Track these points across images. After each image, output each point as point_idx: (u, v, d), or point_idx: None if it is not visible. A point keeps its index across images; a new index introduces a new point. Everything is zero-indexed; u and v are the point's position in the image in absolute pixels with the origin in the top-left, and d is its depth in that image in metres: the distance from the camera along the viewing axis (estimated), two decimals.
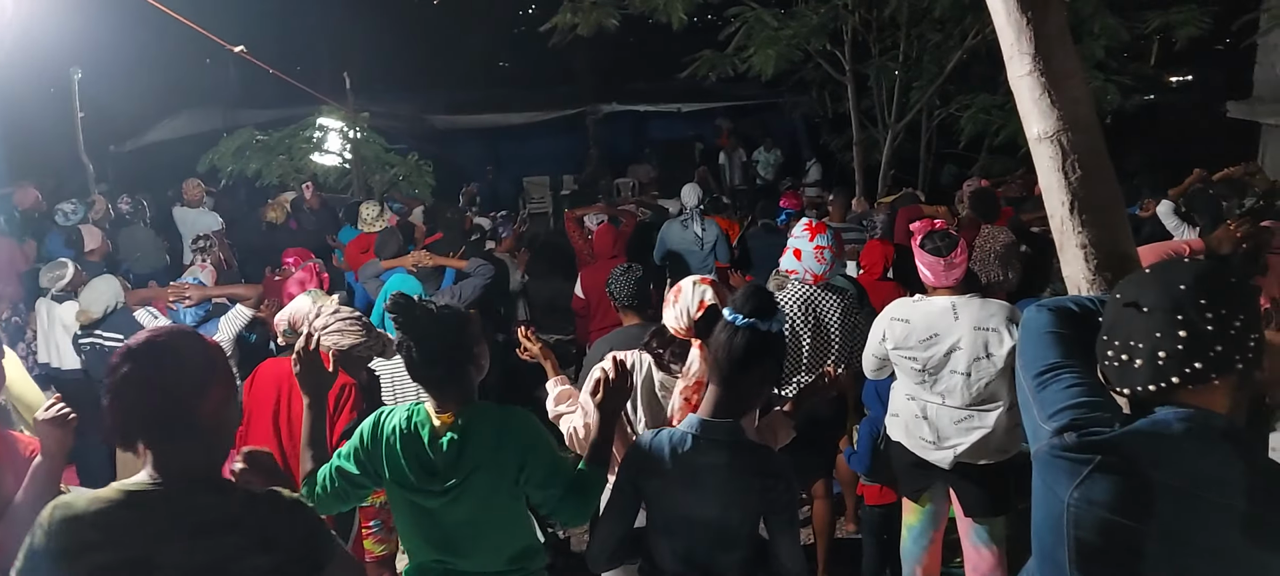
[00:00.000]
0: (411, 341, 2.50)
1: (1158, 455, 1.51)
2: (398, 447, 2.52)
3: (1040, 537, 1.67)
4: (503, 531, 2.64)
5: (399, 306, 2.52)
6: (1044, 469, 1.61)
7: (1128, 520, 1.50)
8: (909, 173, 12.33)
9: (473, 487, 2.50)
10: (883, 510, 4.43)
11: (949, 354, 3.60)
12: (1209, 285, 1.54)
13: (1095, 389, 1.62)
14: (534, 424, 2.62)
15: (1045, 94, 1.82)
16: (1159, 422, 1.54)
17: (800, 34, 9.42)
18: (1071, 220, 1.86)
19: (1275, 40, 10.53)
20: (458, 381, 2.53)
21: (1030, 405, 1.70)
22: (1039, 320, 1.80)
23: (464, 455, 2.48)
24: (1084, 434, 1.55)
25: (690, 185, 7.79)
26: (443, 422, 2.52)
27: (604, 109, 16.21)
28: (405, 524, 2.66)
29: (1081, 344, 1.73)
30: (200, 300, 5.00)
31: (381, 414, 2.62)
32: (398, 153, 10.80)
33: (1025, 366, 1.76)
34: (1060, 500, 1.56)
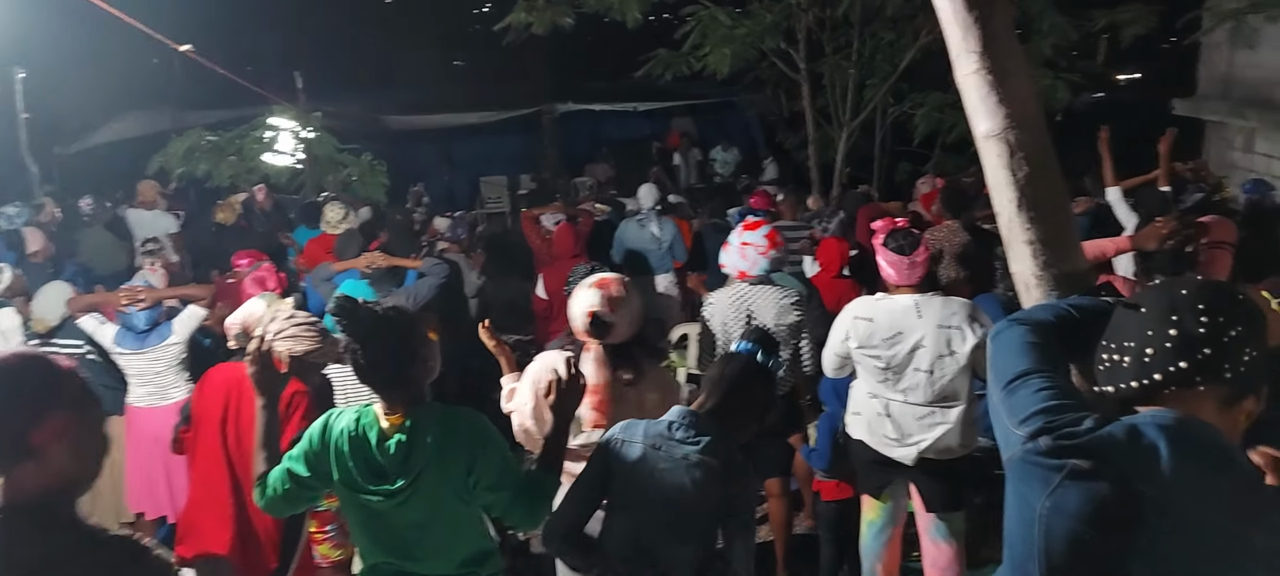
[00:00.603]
0: (357, 344, 2.48)
1: (1134, 462, 1.46)
2: (346, 449, 2.51)
3: (1011, 546, 1.64)
4: (454, 533, 2.62)
5: (343, 309, 2.51)
6: (1017, 475, 1.58)
7: (1100, 532, 1.46)
8: (864, 170, 12.45)
9: (421, 489, 2.48)
10: (839, 505, 4.46)
11: (913, 352, 3.63)
12: (1209, 292, 1.53)
13: (1065, 392, 1.60)
14: (483, 425, 2.60)
15: (991, 92, 1.83)
16: (1137, 426, 1.50)
17: (754, 33, 9.47)
18: (1019, 217, 1.88)
19: (1218, 39, 10.77)
20: (405, 382, 2.52)
21: (1000, 414, 1.67)
22: (1010, 333, 1.77)
23: (412, 456, 2.47)
24: (1058, 436, 1.51)
25: (646, 185, 7.80)
26: (391, 424, 2.50)
27: (560, 108, 16.16)
28: (357, 526, 2.65)
29: (1050, 353, 1.71)
30: (152, 303, 4.90)
31: (330, 416, 2.61)
32: (351, 153, 10.68)
33: (996, 376, 1.73)
34: (1032, 509, 1.52)
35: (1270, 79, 10.64)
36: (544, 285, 6.16)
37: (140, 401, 4.90)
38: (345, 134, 11.14)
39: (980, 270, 4.81)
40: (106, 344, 4.83)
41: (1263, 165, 10.73)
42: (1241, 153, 11.36)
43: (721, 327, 4.45)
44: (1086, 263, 1.98)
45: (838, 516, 4.48)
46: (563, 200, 9.56)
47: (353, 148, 10.73)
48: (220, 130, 10.54)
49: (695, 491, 2.51)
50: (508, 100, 16.21)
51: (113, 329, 4.86)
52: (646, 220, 7.32)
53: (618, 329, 3.06)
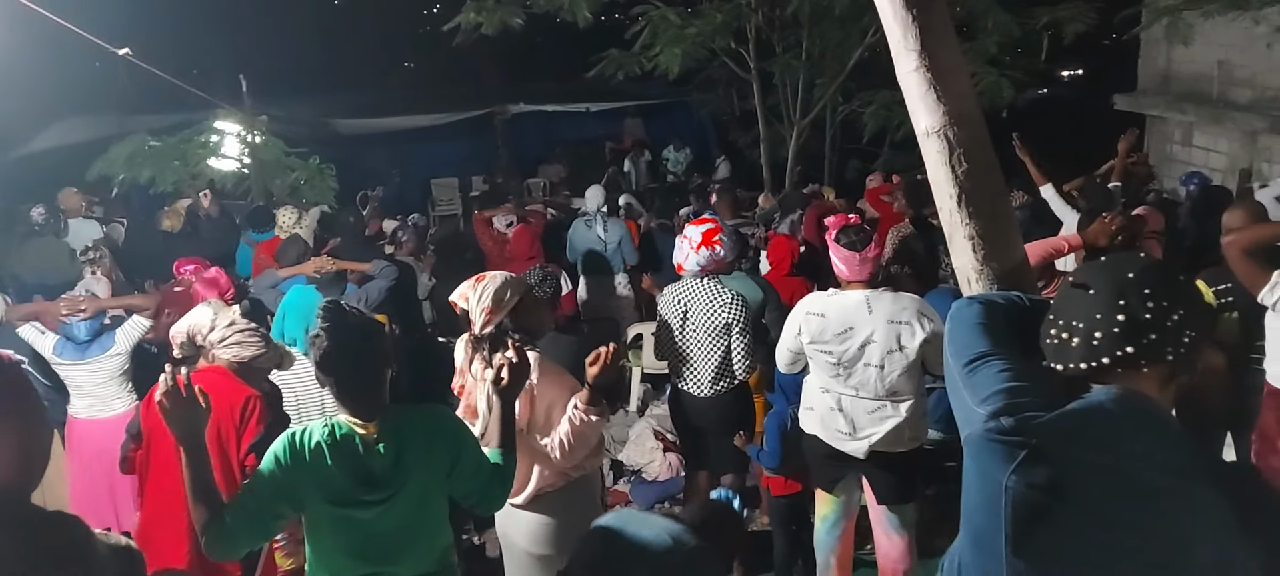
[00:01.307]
0: (335, 351, 2.43)
1: (1090, 435, 1.55)
2: (329, 461, 2.45)
3: (972, 522, 1.68)
4: (433, 531, 2.65)
5: (331, 313, 2.47)
6: (979, 453, 1.63)
7: (1063, 501, 1.52)
8: (815, 168, 12.58)
9: (409, 491, 2.50)
10: (789, 500, 4.49)
11: (863, 347, 3.67)
12: (1155, 277, 1.58)
13: (1024, 375, 1.65)
14: (457, 419, 2.71)
15: (931, 89, 1.86)
16: (1091, 403, 1.59)
17: (705, 32, 9.51)
18: (959, 212, 1.91)
19: (1156, 35, 11.04)
20: (378, 390, 2.51)
21: (960, 391, 1.71)
22: (969, 311, 1.83)
23: (401, 460, 2.48)
24: (1020, 417, 1.57)
25: (594, 187, 7.80)
26: (369, 431, 2.48)
27: (512, 109, 16.08)
28: (330, 541, 2.56)
29: (1007, 335, 1.76)
30: (94, 312, 4.79)
31: (295, 434, 2.53)
32: (299, 156, 10.53)
33: (955, 354, 1.78)
34: (997, 482, 1.57)
35: (1207, 74, 10.94)
36: None
37: (82, 413, 4.79)
38: (293, 138, 10.98)
39: (922, 264, 4.88)
40: (46, 354, 4.72)
41: (1201, 158, 11.03)
42: (1180, 146, 11.66)
43: (664, 322, 4.50)
44: (1024, 255, 2.02)
45: (789, 511, 4.52)
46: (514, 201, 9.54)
47: (300, 151, 10.58)
48: (164, 135, 10.34)
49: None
50: (459, 102, 16.09)
51: (52, 339, 4.74)
52: (593, 221, 7.33)
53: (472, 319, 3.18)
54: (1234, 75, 10.55)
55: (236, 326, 3.55)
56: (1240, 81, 10.45)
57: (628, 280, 7.35)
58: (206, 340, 3.56)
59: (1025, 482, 1.54)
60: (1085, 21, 9.51)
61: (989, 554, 1.62)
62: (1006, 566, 1.58)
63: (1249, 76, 10.28)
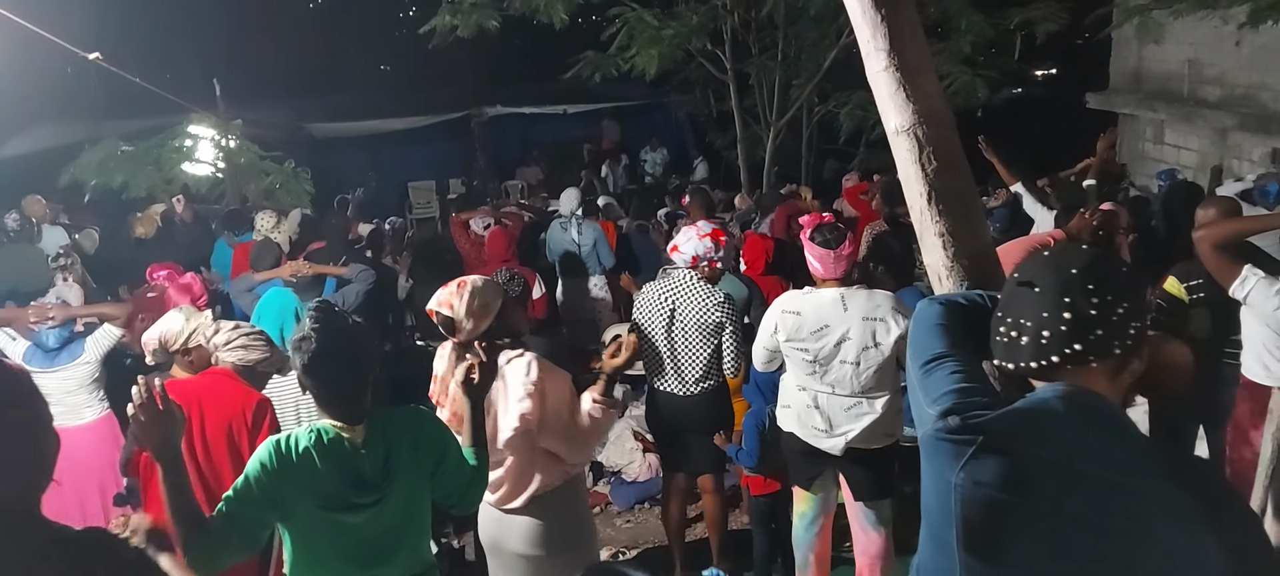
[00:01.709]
0: (326, 352, 2.40)
1: (1036, 430, 1.56)
2: (320, 466, 2.43)
3: (929, 518, 1.71)
4: (420, 531, 2.67)
5: (323, 312, 2.46)
6: (931, 452, 1.66)
7: (1009, 495, 1.54)
8: (792, 169, 12.62)
9: (397, 493, 2.51)
10: (769, 499, 4.52)
11: (839, 344, 3.69)
12: (1097, 272, 1.59)
13: (976, 377, 1.68)
14: (439, 419, 2.76)
15: (900, 89, 1.88)
16: (1037, 400, 1.60)
17: (681, 34, 9.53)
18: (929, 210, 1.93)
19: (1127, 34, 11.14)
20: (364, 393, 2.49)
21: (917, 391, 1.74)
22: (930, 312, 1.86)
23: (391, 462, 2.49)
24: (966, 416, 1.59)
25: (569, 190, 7.81)
26: (354, 435, 2.47)
27: (489, 112, 16.05)
28: (320, 546, 2.54)
29: (966, 336, 1.79)
30: (65, 320, 4.74)
31: (280, 441, 2.49)
32: (274, 160, 10.46)
33: (914, 355, 1.80)
34: (947, 481, 1.59)
35: (1177, 72, 11.05)
36: None
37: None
38: (268, 142, 10.91)
39: (897, 262, 4.92)
40: (15, 361, 4.66)
41: (1172, 155, 11.14)
42: (1152, 144, 11.78)
43: (647, 322, 4.49)
44: (993, 251, 2.04)
45: (769, 510, 4.55)
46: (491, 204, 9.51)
47: (275, 155, 10.51)
48: (137, 140, 10.24)
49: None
50: (435, 105, 16.03)
51: (23, 346, 4.70)
52: (568, 224, 7.34)
53: (459, 324, 3.16)
54: (1204, 73, 10.67)
55: (241, 329, 3.55)
56: (1210, 79, 10.57)
57: (604, 282, 7.36)
58: (211, 343, 3.54)
59: (973, 480, 1.56)
60: (1057, 21, 9.60)
61: (944, 551, 1.64)
62: (959, 564, 1.60)
63: (1218, 75, 10.40)
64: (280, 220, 7.18)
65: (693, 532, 5.07)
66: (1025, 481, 1.54)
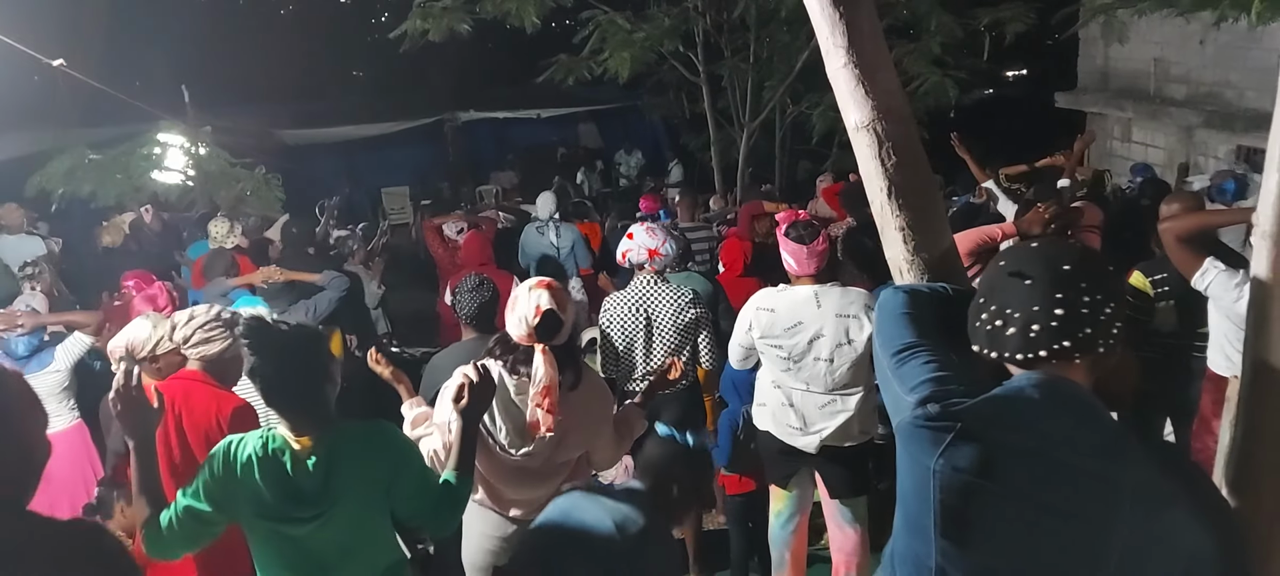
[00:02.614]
0: (266, 364, 2.39)
1: (1013, 419, 1.59)
2: (257, 476, 2.41)
3: (906, 506, 1.73)
4: (373, 549, 2.59)
5: (253, 328, 2.41)
6: (908, 439, 1.67)
7: (987, 481, 1.57)
8: (766, 170, 12.67)
9: (342, 510, 2.43)
10: (745, 498, 4.53)
11: (812, 341, 3.71)
12: (1089, 269, 1.61)
13: (949, 365, 1.70)
14: (400, 436, 2.60)
15: (860, 85, 1.90)
16: (1014, 388, 1.63)
17: (653, 37, 9.52)
18: (890, 205, 1.95)
19: (1094, 33, 11.27)
20: (316, 402, 2.46)
21: (890, 381, 1.76)
22: (894, 301, 1.87)
23: (332, 477, 2.41)
24: (945, 404, 1.62)
25: (545, 194, 7.81)
26: (303, 446, 2.43)
27: (462, 116, 16.00)
28: (266, 555, 2.54)
29: (933, 324, 1.81)
30: (33, 328, 4.69)
31: (231, 443, 2.50)
32: (245, 167, 10.39)
33: (884, 344, 1.82)
34: (925, 467, 1.61)
35: (1144, 71, 11.21)
36: (451, 294, 6.10)
37: None
38: (239, 149, 10.82)
39: (869, 260, 4.95)
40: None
41: (1139, 153, 11.29)
42: (1120, 141, 11.93)
43: (619, 329, 4.50)
44: (953, 245, 2.06)
45: (745, 509, 4.56)
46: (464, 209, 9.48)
47: (246, 162, 10.43)
48: (105, 148, 10.13)
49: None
50: (409, 110, 15.97)
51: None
52: (546, 228, 7.34)
53: (566, 328, 3.02)
54: (1170, 72, 10.83)
55: (197, 320, 3.43)
56: (1176, 78, 10.72)
57: (581, 285, 7.36)
58: (175, 342, 3.47)
59: (951, 466, 1.59)
60: (1025, 22, 9.67)
61: (920, 537, 1.66)
62: (935, 548, 1.63)
63: (1184, 73, 10.55)
64: (233, 227, 7.11)
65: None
66: (1002, 468, 1.57)
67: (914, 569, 1.71)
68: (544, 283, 3.03)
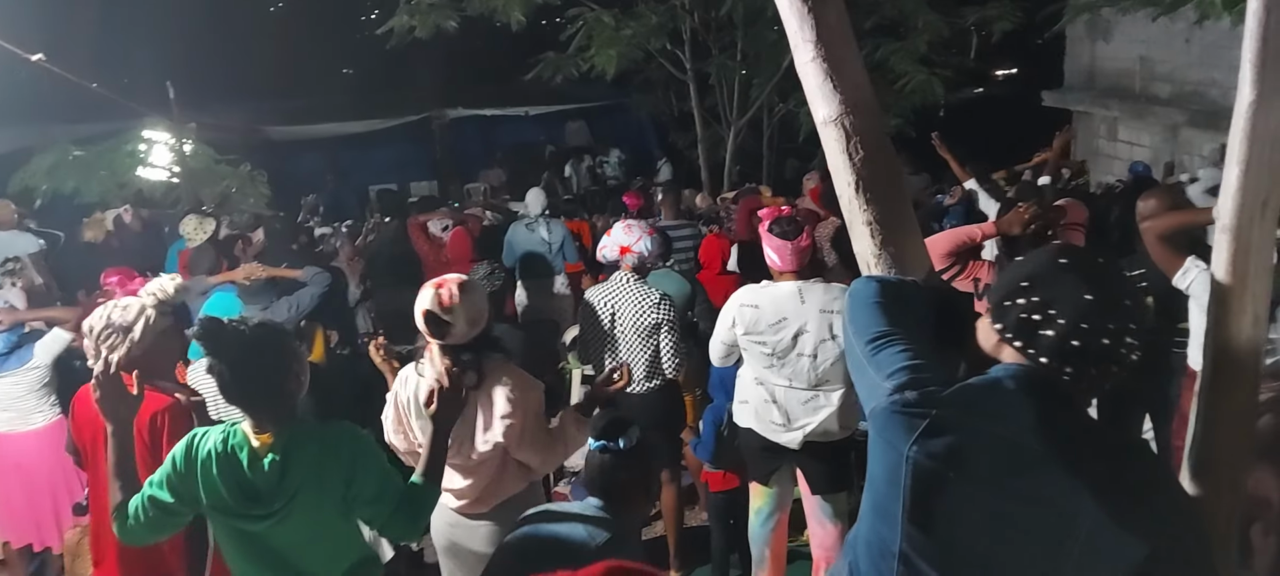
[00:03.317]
0: (222, 363, 2.39)
1: (989, 407, 1.60)
2: (215, 472, 2.42)
3: (875, 490, 1.72)
4: (335, 547, 2.59)
5: (207, 331, 2.42)
6: (883, 424, 1.67)
7: (959, 470, 1.58)
8: (753, 169, 12.68)
9: (299, 508, 2.43)
10: (728, 495, 4.54)
11: (796, 337, 3.71)
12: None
13: (923, 354, 1.70)
14: (361, 439, 2.55)
15: (827, 79, 1.90)
16: (992, 378, 1.64)
17: (640, 34, 9.55)
18: (857, 199, 1.95)
19: (1081, 32, 11.33)
20: (274, 401, 2.46)
21: (865, 366, 1.75)
22: (867, 290, 1.87)
23: (287, 476, 2.41)
24: (923, 390, 1.62)
25: (534, 190, 7.80)
26: (262, 443, 2.43)
27: (450, 114, 15.98)
28: (230, 549, 2.56)
29: (904, 314, 1.81)
30: (12, 324, 4.66)
31: (195, 436, 2.51)
32: (230, 164, 10.36)
33: (857, 331, 1.81)
34: (899, 453, 1.61)
35: (1130, 70, 11.25)
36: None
37: (1, 426, 4.66)
38: (225, 145, 10.79)
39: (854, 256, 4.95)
40: None
41: (1125, 152, 11.34)
42: (1106, 140, 11.97)
43: (592, 324, 4.51)
44: (920, 240, 2.06)
45: (727, 505, 4.56)
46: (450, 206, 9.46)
47: (231, 159, 10.40)
48: (90, 144, 10.09)
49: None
50: (396, 107, 15.94)
51: None
52: (535, 224, 7.33)
53: (455, 328, 3.00)
54: (1155, 71, 10.87)
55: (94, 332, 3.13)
56: (1161, 77, 10.76)
57: (566, 281, 7.36)
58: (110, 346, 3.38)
59: (925, 452, 1.59)
60: (1011, 20, 9.74)
61: (887, 522, 1.67)
62: (901, 533, 1.63)
63: (1169, 72, 10.59)
64: (203, 223, 7.08)
65: (650, 531, 5.08)
66: (975, 456, 1.58)
67: (877, 554, 1.71)
68: (439, 282, 3.05)
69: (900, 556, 1.65)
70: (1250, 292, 1.69)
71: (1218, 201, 1.72)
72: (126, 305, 3.18)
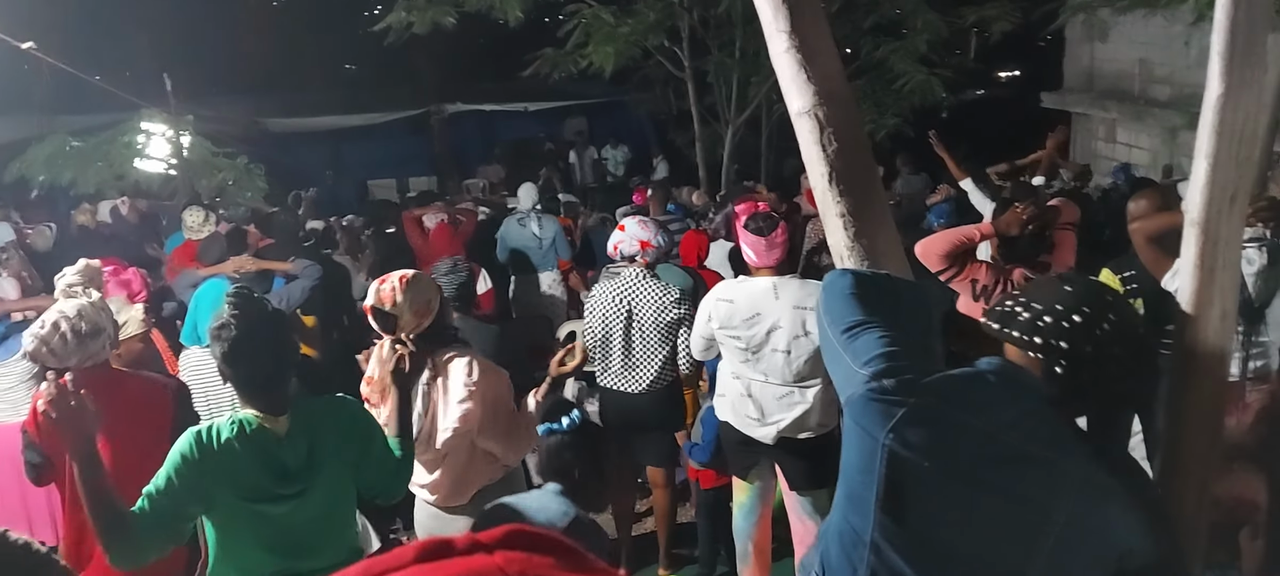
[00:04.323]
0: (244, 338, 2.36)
1: (966, 398, 1.61)
2: (241, 457, 2.39)
3: (848, 480, 1.73)
4: (345, 522, 2.65)
5: (241, 296, 2.41)
6: (860, 412, 1.68)
7: (935, 459, 1.59)
8: (752, 166, 12.66)
9: (323, 483, 2.48)
10: (716, 492, 4.52)
11: (770, 332, 3.69)
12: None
13: (900, 342, 1.71)
14: (364, 408, 2.74)
15: (801, 70, 1.90)
16: (973, 371, 1.65)
17: (638, 31, 9.54)
18: (831, 191, 1.95)
19: (1079, 34, 11.32)
20: (285, 384, 2.48)
21: (841, 356, 1.76)
22: (842, 281, 1.88)
23: (315, 451, 2.47)
24: (901, 378, 1.62)
25: (526, 185, 7.81)
26: (278, 425, 2.45)
27: (449, 109, 15.98)
28: (242, 537, 2.49)
29: (880, 305, 1.81)
30: (1, 314, 4.66)
31: (201, 431, 2.44)
32: (226, 156, 10.36)
33: (833, 320, 1.82)
34: (875, 440, 1.62)
35: (1129, 72, 11.24)
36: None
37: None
38: (222, 138, 10.79)
39: None
40: None
41: (1124, 154, 11.32)
42: (1104, 142, 11.96)
43: (600, 319, 4.48)
44: (893, 232, 2.06)
45: (716, 502, 4.54)
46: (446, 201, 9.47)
47: (228, 151, 10.41)
48: (88, 135, 10.10)
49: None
50: (395, 101, 15.96)
51: None
52: (527, 219, 7.33)
53: (401, 321, 3.06)
54: (1154, 73, 10.86)
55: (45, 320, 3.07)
56: (1160, 79, 10.75)
57: (558, 278, 7.35)
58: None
59: (901, 441, 1.60)
60: (1010, 20, 9.72)
61: (860, 511, 1.67)
62: (873, 522, 1.63)
63: (1168, 74, 10.58)
64: (209, 216, 7.08)
65: (640, 527, 5.08)
66: (951, 446, 1.59)
67: (850, 544, 1.72)
68: (382, 279, 3.13)
69: (871, 545, 1.66)
70: (1218, 286, 1.69)
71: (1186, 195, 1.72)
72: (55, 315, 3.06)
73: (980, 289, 3.90)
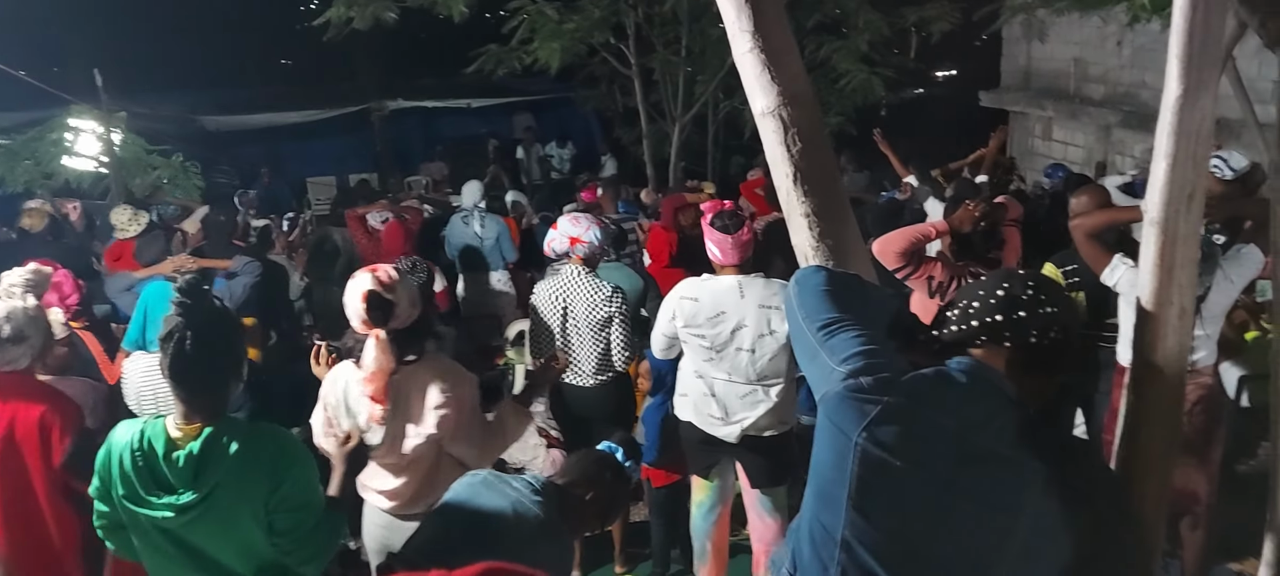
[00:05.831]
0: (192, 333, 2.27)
1: (939, 399, 1.63)
2: (127, 461, 2.31)
3: (820, 477, 1.74)
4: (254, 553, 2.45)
5: (192, 289, 2.30)
6: (834, 409, 1.68)
7: (907, 458, 1.60)
8: (699, 165, 12.70)
9: (216, 505, 2.32)
10: (669, 490, 4.52)
11: (735, 331, 3.70)
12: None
13: (876, 341, 1.72)
14: (293, 444, 2.47)
15: (765, 70, 1.89)
16: (944, 371, 1.67)
17: (583, 28, 9.48)
18: (795, 191, 1.95)
19: (1016, 33, 11.53)
20: (218, 389, 2.37)
21: (817, 353, 1.76)
22: (815, 278, 1.89)
23: (203, 469, 2.30)
24: (877, 377, 1.63)
25: (471, 183, 7.73)
26: (183, 435, 2.32)
27: (390, 105, 15.75)
28: (146, 549, 2.44)
29: (852, 303, 1.82)
30: None
31: (115, 430, 2.41)
32: (161, 154, 10.08)
33: (808, 317, 1.82)
34: (848, 438, 1.63)
35: (1064, 71, 11.49)
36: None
37: None
38: (158, 135, 10.50)
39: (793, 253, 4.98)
40: None
41: (1059, 151, 11.58)
42: (1041, 140, 12.22)
43: (541, 318, 4.48)
44: (857, 232, 2.07)
45: (668, 500, 4.55)
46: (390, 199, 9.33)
47: (163, 149, 10.12)
48: (14, 133, 9.75)
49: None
50: (335, 98, 15.68)
51: None
52: (470, 217, 7.26)
53: (399, 308, 2.95)
54: (1088, 72, 11.11)
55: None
56: (1094, 78, 11.01)
57: (507, 277, 7.30)
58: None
59: (874, 439, 1.61)
60: (950, 21, 9.87)
61: (831, 508, 1.67)
62: (844, 520, 1.64)
63: (1102, 73, 10.84)
64: (137, 214, 6.88)
65: None
66: (922, 445, 1.61)
67: (821, 541, 1.72)
68: (372, 267, 3.01)
69: (842, 543, 1.66)
70: (1176, 284, 1.72)
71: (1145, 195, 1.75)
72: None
73: (936, 286, 3.96)
